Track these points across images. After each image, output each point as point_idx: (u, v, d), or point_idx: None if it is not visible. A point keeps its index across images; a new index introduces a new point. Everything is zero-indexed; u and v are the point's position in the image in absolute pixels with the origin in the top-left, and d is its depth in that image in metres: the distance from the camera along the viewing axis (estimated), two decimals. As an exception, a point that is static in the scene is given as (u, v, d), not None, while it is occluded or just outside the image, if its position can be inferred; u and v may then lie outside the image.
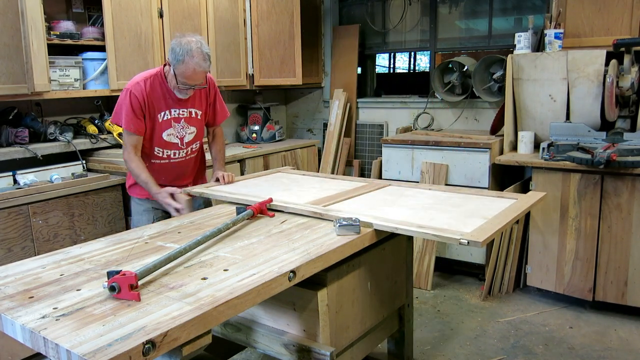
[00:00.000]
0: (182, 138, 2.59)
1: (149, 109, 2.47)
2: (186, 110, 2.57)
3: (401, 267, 2.31)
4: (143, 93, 2.42)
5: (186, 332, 1.21)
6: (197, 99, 2.60)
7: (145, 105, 2.44)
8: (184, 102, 2.54)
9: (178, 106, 2.54)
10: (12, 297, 1.38)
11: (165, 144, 2.56)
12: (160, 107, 2.50)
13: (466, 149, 3.70)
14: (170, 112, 2.53)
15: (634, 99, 3.34)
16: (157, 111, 2.50)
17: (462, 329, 3.16)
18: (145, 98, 2.44)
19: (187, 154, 2.65)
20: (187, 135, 2.61)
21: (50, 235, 2.84)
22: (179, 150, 2.61)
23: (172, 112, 2.53)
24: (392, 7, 4.95)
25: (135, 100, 2.41)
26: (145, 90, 2.43)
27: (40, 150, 3.00)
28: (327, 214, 2.03)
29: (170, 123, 2.54)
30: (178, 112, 2.55)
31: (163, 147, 2.57)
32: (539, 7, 4.21)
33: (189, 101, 2.56)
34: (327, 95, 5.28)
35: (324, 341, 1.79)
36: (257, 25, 4.38)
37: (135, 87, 2.42)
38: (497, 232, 1.82)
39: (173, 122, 2.55)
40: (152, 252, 1.72)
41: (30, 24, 2.78)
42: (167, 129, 2.54)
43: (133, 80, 2.47)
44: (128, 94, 2.41)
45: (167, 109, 2.51)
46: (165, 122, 2.53)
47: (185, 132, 2.59)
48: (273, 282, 1.46)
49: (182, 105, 2.55)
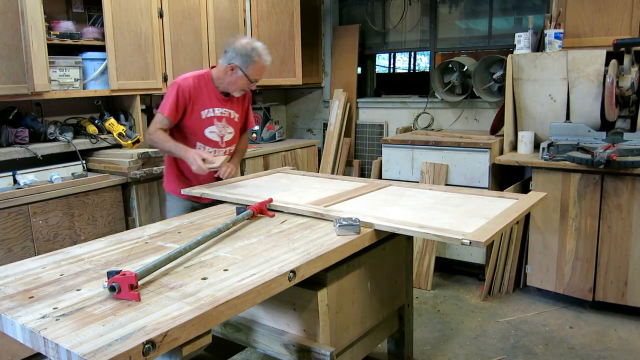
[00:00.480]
0: (222, 137, 2.73)
1: (192, 104, 2.62)
2: (227, 111, 2.73)
3: (401, 267, 2.31)
4: (190, 88, 2.60)
5: (186, 332, 1.21)
6: (237, 103, 2.77)
7: (189, 100, 2.60)
8: (226, 102, 2.71)
9: (221, 106, 2.70)
10: (12, 297, 1.38)
11: (207, 140, 2.70)
12: (205, 104, 2.65)
13: (466, 149, 3.70)
14: (213, 110, 2.68)
15: (634, 99, 3.34)
16: (201, 107, 2.65)
17: (462, 329, 3.16)
18: (191, 92, 2.61)
19: (224, 153, 2.76)
20: (226, 135, 2.75)
21: (50, 235, 2.84)
22: (218, 149, 2.73)
23: (215, 110, 2.68)
24: (392, 7, 4.95)
25: (181, 93, 2.58)
26: (192, 86, 2.61)
27: (40, 150, 2.99)
28: (328, 214, 2.03)
29: (213, 121, 2.68)
30: (221, 110, 2.70)
31: (205, 143, 2.70)
32: (539, 7, 4.21)
33: (230, 103, 2.73)
34: (327, 95, 5.28)
35: (324, 341, 1.79)
36: (257, 25, 4.37)
37: (183, 81, 2.61)
38: (498, 232, 1.82)
39: (215, 120, 2.69)
40: (152, 252, 1.72)
41: (30, 24, 2.78)
42: (209, 125, 2.67)
43: (182, 76, 2.67)
44: (176, 87, 2.59)
45: (211, 106, 2.67)
46: (208, 119, 2.67)
47: (225, 132, 2.74)
48: (273, 282, 1.46)
49: (224, 105, 2.71)
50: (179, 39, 3.75)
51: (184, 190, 2.58)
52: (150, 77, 3.58)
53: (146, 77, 3.55)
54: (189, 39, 3.84)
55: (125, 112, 3.58)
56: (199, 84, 2.64)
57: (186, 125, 2.65)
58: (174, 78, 3.71)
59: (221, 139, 2.73)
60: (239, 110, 2.80)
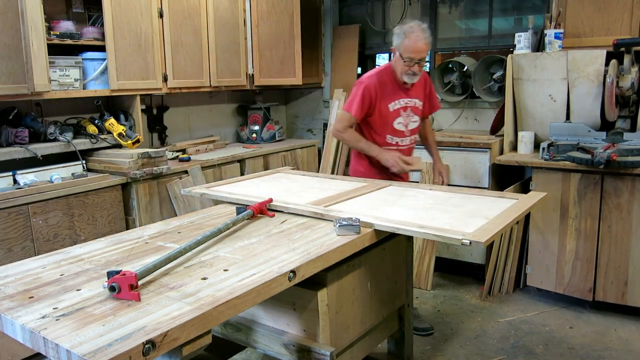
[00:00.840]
0: (406, 125, 2.83)
1: (379, 100, 2.74)
2: (411, 100, 2.83)
3: (401, 267, 2.31)
4: (375, 86, 2.72)
5: (186, 332, 1.21)
6: (418, 89, 2.86)
7: (375, 98, 2.73)
8: (409, 92, 2.81)
9: (405, 96, 2.80)
10: (12, 297, 1.38)
11: (395, 131, 2.82)
12: (391, 98, 2.77)
13: (466, 149, 3.70)
14: (399, 102, 2.78)
15: (634, 99, 3.34)
16: (388, 101, 2.76)
17: (462, 329, 3.16)
18: (377, 90, 2.72)
19: (410, 142, 2.90)
20: (410, 123, 2.85)
21: (50, 235, 2.84)
22: (404, 138, 2.86)
23: (400, 102, 2.79)
24: (392, 7, 4.94)
25: (367, 93, 2.72)
26: (377, 83, 2.73)
27: (40, 150, 2.99)
28: (328, 214, 2.03)
29: (399, 112, 2.79)
30: (405, 101, 2.80)
31: (393, 134, 2.82)
32: (539, 7, 4.20)
33: (413, 91, 2.83)
34: (327, 95, 5.28)
35: (324, 341, 1.79)
36: (257, 26, 4.38)
37: (368, 80, 2.74)
38: (498, 233, 1.82)
39: (402, 111, 2.80)
40: (152, 252, 1.72)
41: (30, 24, 2.78)
42: (396, 117, 2.79)
43: (366, 75, 2.80)
44: (362, 87, 2.73)
45: (397, 98, 2.78)
46: (395, 112, 2.79)
47: (410, 120, 2.84)
48: (273, 282, 1.46)
49: (408, 95, 2.81)
50: (179, 39, 3.75)
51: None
52: (150, 77, 3.58)
53: (146, 77, 3.55)
54: (189, 39, 3.84)
55: (125, 112, 3.58)
56: (382, 79, 2.75)
57: (374, 121, 2.78)
58: (174, 78, 3.76)
59: (406, 127, 2.84)
60: (421, 97, 2.88)
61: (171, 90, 3.78)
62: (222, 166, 3.89)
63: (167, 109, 4.22)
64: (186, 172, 3.58)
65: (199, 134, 4.54)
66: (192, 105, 4.48)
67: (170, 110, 4.25)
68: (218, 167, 3.85)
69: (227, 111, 4.85)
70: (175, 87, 3.79)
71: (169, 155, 3.73)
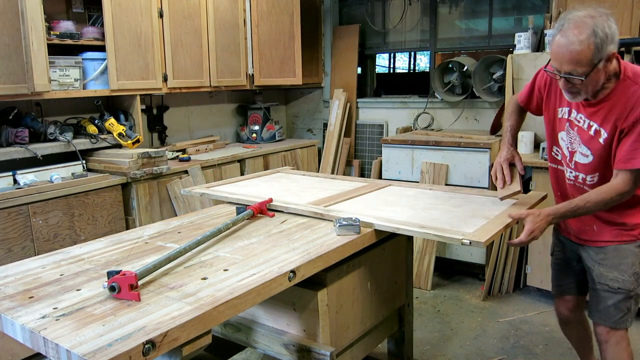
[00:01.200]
0: (572, 153, 1.96)
1: (548, 95, 2.05)
2: (585, 120, 1.88)
3: (401, 267, 2.31)
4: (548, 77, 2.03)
5: (186, 332, 1.21)
6: (609, 112, 1.81)
7: (545, 89, 2.06)
8: (588, 107, 1.87)
9: (578, 109, 1.91)
10: (12, 297, 1.38)
11: (559, 146, 2.04)
12: (562, 101, 1.98)
13: (466, 149, 3.70)
14: (569, 112, 1.95)
15: (634, 99, 3.33)
16: (558, 104, 2.01)
17: (462, 329, 3.16)
18: (548, 82, 2.05)
19: (575, 178, 1.98)
20: (577, 154, 1.93)
21: (50, 235, 2.84)
22: (567, 168, 2.02)
23: (571, 113, 1.94)
24: (392, 7, 4.94)
25: (541, 78, 2.09)
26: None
27: (40, 150, 2.99)
28: (328, 214, 2.03)
29: (564, 125, 1.98)
30: (576, 116, 1.92)
31: (558, 149, 2.06)
32: (539, 7, 4.21)
33: (597, 111, 1.84)
34: (327, 95, 5.28)
35: (324, 341, 1.79)
36: (257, 25, 4.38)
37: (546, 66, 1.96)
38: (498, 233, 1.82)
39: (567, 126, 1.97)
40: (152, 252, 1.72)
41: (30, 24, 2.78)
42: (561, 130, 2.01)
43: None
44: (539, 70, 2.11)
45: (567, 106, 1.96)
46: (561, 121, 2.00)
47: (576, 148, 1.94)
48: (273, 282, 1.46)
49: (585, 110, 1.88)
50: (179, 39, 3.75)
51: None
52: (150, 77, 3.58)
53: (146, 77, 3.55)
54: (189, 39, 3.84)
55: (125, 112, 3.58)
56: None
57: (545, 121, 2.09)
58: (174, 78, 3.76)
59: (571, 155, 1.97)
60: (608, 127, 1.81)
61: (171, 90, 3.78)
62: (222, 166, 3.89)
63: (167, 109, 4.22)
64: (186, 172, 3.58)
65: (199, 134, 4.54)
66: (192, 105, 4.48)
67: (170, 110, 4.25)
68: (218, 167, 3.86)
69: (227, 111, 4.86)
70: (175, 87, 3.79)
71: (169, 155, 3.73)
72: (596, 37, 1.67)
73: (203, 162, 3.75)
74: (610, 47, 1.70)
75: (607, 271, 1.96)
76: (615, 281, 1.94)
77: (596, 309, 2.01)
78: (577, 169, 1.95)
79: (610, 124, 1.80)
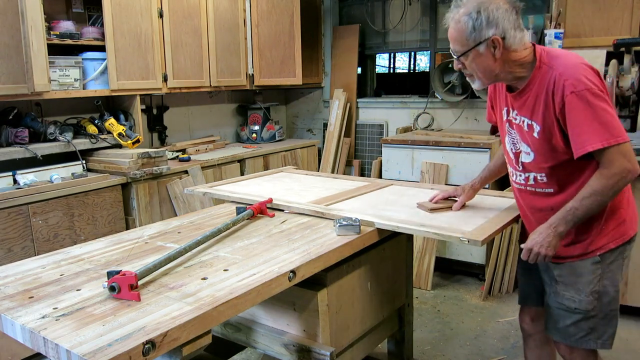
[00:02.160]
0: (517, 154, 1.83)
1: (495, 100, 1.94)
2: (518, 116, 1.77)
3: (401, 267, 2.31)
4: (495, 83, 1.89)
5: (186, 332, 1.21)
6: (535, 103, 1.69)
7: (494, 96, 1.94)
8: (514, 101, 1.78)
9: (511, 106, 1.80)
10: (12, 297, 1.38)
11: (506, 152, 1.91)
12: (502, 101, 1.87)
13: (466, 149, 3.70)
14: (507, 112, 1.83)
15: (634, 99, 3.34)
16: (501, 105, 1.88)
17: (462, 329, 3.16)
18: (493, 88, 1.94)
19: (526, 181, 1.82)
20: (522, 154, 1.80)
21: (50, 235, 2.84)
22: (515, 171, 1.87)
23: (509, 112, 1.82)
24: (392, 7, 4.94)
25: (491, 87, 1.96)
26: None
27: (40, 150, 2.99)
28: (329, 213, 2.03)
29: (505, 127, 1.86)
30: (512, 113, 1.80)
31: (506, 156, 1.93)
32: (539, 7, 4.20)
33: (523, 104, 1.73)
34: (327, 95, 5.28)
35: (324, 341, 1.79)
36: (257, 25, 4.38)
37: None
38: (497, 232, 1.82)
39: (507, 127, 1.85)
40: (152, 252, 1.72)
41: (30, 24, 2.78)
42: (505, 134, 1.88)
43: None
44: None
45: (505, 105, 1.84)
46: (504, 124, 1.87)
47: (519, 148, 1.81)
48: (273, 282, 1.46)
49: (515, 106, 1.78)
50: (179, 39, 3.76)
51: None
52: (150, 77, 3.58)
53: (146, 77, 3.55)
54: (189, 39, 3.84)
55: (125, 112, 3.58)
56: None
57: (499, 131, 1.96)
58: (174, 78, 3.76)
59: (515, 157, 1.83)
60: (538, 117, 1.69)
61: (171, 90, 3.78)
62: (222, 166, 3.89)
63: (167, 109, 4.22)
64: (186, 172, 3.58)
65: (199, 134, 4.54)
66: (192, 105, 4.48)
67: (170, 110, 4.26)
68: (218, 167, 3.86)
69: (227, 111, 4.86)
70: (175, 87, 3.79)
71: (169, 155, 3.73)
72: (475, 17, 1.62)
73: (203, 162, 3.75)
74: (490, 30, 1.62)
75: (563, 289, 1.79)
76: (571, 301, 1.77)
77: (554, 327, 1.84)
78: (525, 169, 1.81)
79: (540, 116, 1.68)
